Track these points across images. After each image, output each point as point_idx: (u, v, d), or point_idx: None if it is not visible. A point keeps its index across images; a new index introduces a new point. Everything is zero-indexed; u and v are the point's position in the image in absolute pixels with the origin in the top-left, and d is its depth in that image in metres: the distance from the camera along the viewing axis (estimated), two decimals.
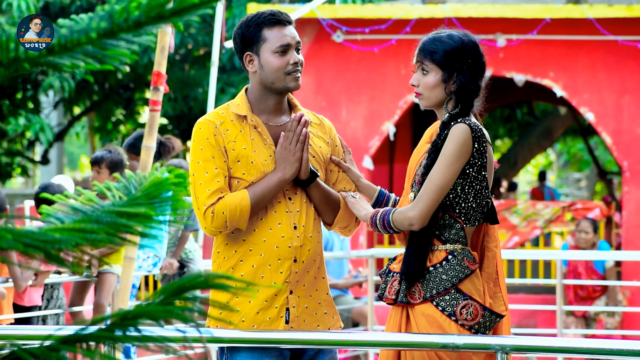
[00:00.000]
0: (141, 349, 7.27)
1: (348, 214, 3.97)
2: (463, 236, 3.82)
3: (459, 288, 3.76)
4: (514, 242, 12.73)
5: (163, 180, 1.90)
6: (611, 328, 10.66)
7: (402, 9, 11.65)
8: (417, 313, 3.80)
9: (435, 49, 3.88)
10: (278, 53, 3.84)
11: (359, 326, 9.64)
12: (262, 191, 3.80)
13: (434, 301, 3.78)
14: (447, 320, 3.75)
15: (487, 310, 3.76)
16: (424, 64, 3.89)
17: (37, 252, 1.80)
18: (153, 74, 6.02)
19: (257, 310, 3.82)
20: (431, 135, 4.01)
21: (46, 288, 7.30)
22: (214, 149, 3.83)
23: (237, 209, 3.77)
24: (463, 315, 3.75)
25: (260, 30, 3.86)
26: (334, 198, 3.95)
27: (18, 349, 1.84)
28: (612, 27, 11.38)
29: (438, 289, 3.77)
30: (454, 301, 3.76)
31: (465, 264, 3.78)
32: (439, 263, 3.79)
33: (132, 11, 1.81)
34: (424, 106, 3.94)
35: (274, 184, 3.82)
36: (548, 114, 19.25)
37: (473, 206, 3.81)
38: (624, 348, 3.46)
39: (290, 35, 3.87)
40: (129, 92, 18.54)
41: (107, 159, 7.43)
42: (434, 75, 3.88)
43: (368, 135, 11.92)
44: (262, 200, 3.81)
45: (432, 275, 3.79)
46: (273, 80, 3.86)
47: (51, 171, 23.20)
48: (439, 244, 3.82)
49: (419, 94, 3.91)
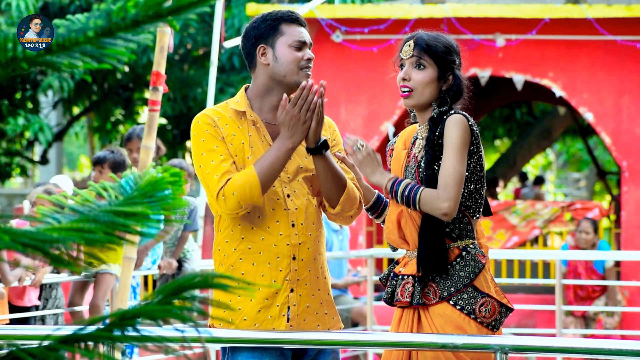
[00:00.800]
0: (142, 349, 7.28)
1: (352, 196, 3.93)
2: (471, 230, 3.81)
3: (474, 285, 3.75)
4: (513, 242, 12.72)
5: (159, 179, 1.89)
6: (610, 328, 10.66)
7: (401, 9, 11.65)
8: (432, 313, 3.77)
9: (436, 45, 3.86)
10: (294, 47, 3.89)
11: (358, 326, 9.64)
12: (270, 163, 3.75)
13: (451, 300, 3.75)
14: (466, 319, 3.73)
15: (504, 306, 3.77)
16: (422, 58, 3.84)
17: (35, 252, 1.80)
18: (152, 74, 6.01)
19: (258, 309, 3.81)
20: (405, 142, 3.98)
21: (44, 288, 7.30)
22: (215, 138, 3.83)
23: (246, 186, 3.73)
24: (482, 313, 3.75)
25: (279, 25, 3.91)
26: (340, 175, 3.88)
27: (17, 349, 1.84)
28: (611, 27, 11.38)
29: (457, 286, 3.74)
30: (472, 299, 3.74)
31: (478, 259, 3.78)
32: (454, 260, 3.78)
33: (129, 10, 1.81)
34: (412, 105, 3.86)
35: (282, 154, 3.76)
36: (547, 114, 19.25)
37: (476, 197, 3.81)
38: (623, 348, 3.45)
39: (305, 34, 3.95)
40: (128, 92, 18.53)
41: (109, 159, 7.43)
42: (430, 72, 3.85)
43: (367, 135, 11.92)
44: (272, 172, 3.75)
45: (449, 274, 3.77)
46: (286, 73, 3.88)
47: (50, 171, 23.20)
48: (449, 242, 3.80)
49: (410, 90, 3.85)
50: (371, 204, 4.05)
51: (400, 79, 3.87)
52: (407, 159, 3.93)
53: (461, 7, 11.58)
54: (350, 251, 9.96)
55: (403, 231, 3.88)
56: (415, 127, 4.01)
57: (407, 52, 3.87)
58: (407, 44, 3.89)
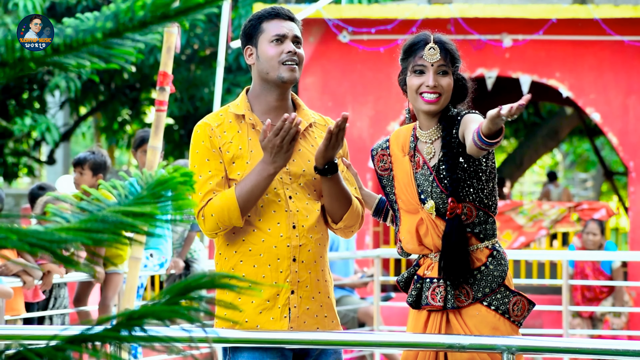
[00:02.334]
0: (146, 349, 7.28)
1: (355, 214, 3.93)
2: (495, 229, 3.83)
3: (505, 284, 3.77)
4: (520, 242, 12.71)
5: (168, 179, 1.90)
6: (617, 328, 10.64)
7: (408, 9, 11.64)
8: (465, 315, 3.77)
9: (454, 49, 3.85)
10: (274, 42, 3.86)
11: (365, 326, 9.64)
12: (251, 187, 3.74)
13: (484, 301, 3.76)
14: (501, 319, 3.76)
15: (532, 303, 3.80)
16: (446, 64, 3.81)
17: (43, 251, 1.80)
18: (159, 74, 6.02)
19: (259, 310, 3.81)
20: (402, 147, 3.96)
21: (53, 286, 7.30)
22: (209, 151, 3.83)
23: (224, 209, 3.75)
24: (515, 311, 3.78)
25: (260, 23, 3.90)
26: (346, 194, 3.87)
27: (24, 349, 1.84)
28: (618, 28, 11.37)
29: (491, 287, 3.76)
30: (505, 299, 3.76)
31: (504, 256, 3.80)
32: (487, 261, 3.78)
33: (137, 10, 1.81)
34: (436, 110, 3.81)
35: (263, 179, 3.74)
36: (554, 115, 19.23)
37: (495, 195, 3.83)
38: (630, 348, 3.45)
39: (287, 27, 3.88)
40: (135, 92, 18.55)
41: (90, 160, 7.42)
42: (450, 77, 3.83)
43: (374, 135, 11.92)
44: (251, 197, 3.74)
45: (483, 275, 3.77)
46: (268, 70, 3.86)
47: (57, 171, 23.21)
48: (477, 243, 3.79)
49: (439, 95, 3.80)
50: (374, 209, 4.04)
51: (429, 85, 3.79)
52: (414, 165, 3.90)
53: (468, 8, 11.57)
54: (357, 251, 9.96)
55: (423, 239, 3.85)
56: (409, 129, 3.98)
57: (432, 55, 3.80)
58: (429, 48, 3.81)
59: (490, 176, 3.80)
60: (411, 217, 3.86)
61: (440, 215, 3.80)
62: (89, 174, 7.38)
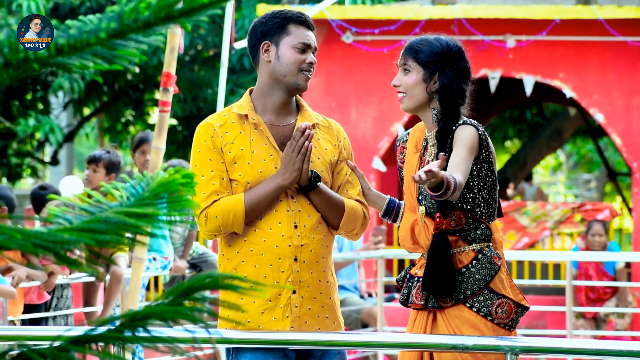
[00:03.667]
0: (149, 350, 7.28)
1: (353, 218, 3.94)
2: (489, 234, 3.83)
3: (490, 287, 3.77)
4: (523, 243, 12.70)
5: (170, 180, 1.90)
6: (621, 329, 10.63)
7: (411, 10, 11.64)
8: (449, 315, 3.79)
9: (420, 48, 3.90)
10: (297, 49, 3.89)
11: (368, 327, 9.63)
12: (259, 197, 3.80)
13: (467, 303, 3.78)
14: (482, 321, 3.76)
15: (520, 305, 3.79)
16: (407, 63, 3.90)
17: (46, 252, 1.80)
18: (163, 75, 6.02)
19: (262, 311, 3.81)
20: (416, 144, 3.98)
21: (56, 287, 7.31)
22: (211, 151, 3.84)
23: (231, 213, 3.77)
24: (498, 314, 3.78)
25: (287, 24, 3.91)
26: (336, 202, 3.90)
27: (27, 350, 1.84)
28: (622, 28, 11.35)
29: (472, 289, 3.77)
30: (488, 301, 3.77)
31: (493, 261, 3.79)
32: (469, 263, 3.79)
33: (141, 11, 1.82)
34: (406, 108, 3.90)
35: (272, 190, 3.81)
36: (558, 115, 19.20)
37: (491, 203, 3.83)
38: (634, 349, 3.45)
39: (311, 38, 3.94)
40: (139, 93, 18.55)
41: (105, 158, 7.42)
42: (415, 74, 3.88)
43: (377, 136, 11.91)
44: (258, 206, 3.80)
45: (464, 277, 3.78)
46: (285, 73, 3.87)
47: (61, 172, 23.21)
48: (464, 245, 3.81)
49: (402, 94, 3.90)
50: (384, 210, 4.05)
51: (393, 85, 3.94)
52: (419, 164, 3.92)
53: (471, 8, 11.57)
54: (361, 252, 9.94)
55: (417, 238, 3.89)
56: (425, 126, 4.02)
57: (398, 58, 3.95)
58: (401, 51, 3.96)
59: (484, 185, 3.80)
60: (410, 215, 3.91)
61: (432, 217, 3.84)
62: (102, 172, 7.38)
